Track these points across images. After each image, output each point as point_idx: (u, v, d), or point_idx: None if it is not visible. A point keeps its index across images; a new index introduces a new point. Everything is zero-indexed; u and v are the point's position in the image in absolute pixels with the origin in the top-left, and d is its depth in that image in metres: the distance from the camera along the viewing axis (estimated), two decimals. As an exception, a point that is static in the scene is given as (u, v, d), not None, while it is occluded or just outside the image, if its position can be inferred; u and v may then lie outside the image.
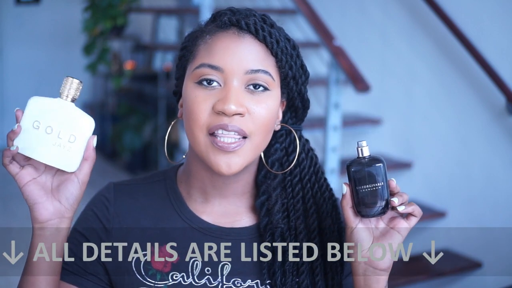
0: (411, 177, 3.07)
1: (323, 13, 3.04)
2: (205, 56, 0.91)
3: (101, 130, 6.02)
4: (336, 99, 2.76)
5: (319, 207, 0.99)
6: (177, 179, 1.02)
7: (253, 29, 0.91)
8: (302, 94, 0.99)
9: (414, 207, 0.89)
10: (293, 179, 1.00)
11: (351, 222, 0.89)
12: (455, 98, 2.85)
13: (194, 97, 0.90)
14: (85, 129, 0.86)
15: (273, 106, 0.92)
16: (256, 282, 0.96)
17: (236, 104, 0.87)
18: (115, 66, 5.68)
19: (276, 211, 0.97)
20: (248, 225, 0.99)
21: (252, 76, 0.90)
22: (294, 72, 0.96)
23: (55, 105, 0.87)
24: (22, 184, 0.86)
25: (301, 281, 0.95)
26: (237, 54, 0.90)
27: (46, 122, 0.86)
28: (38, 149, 0.85)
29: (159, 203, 1.00)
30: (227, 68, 0.89)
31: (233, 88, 0.88)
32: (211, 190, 0.98)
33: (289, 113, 1.02)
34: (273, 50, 0.92)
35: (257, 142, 0.91)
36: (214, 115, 0.88)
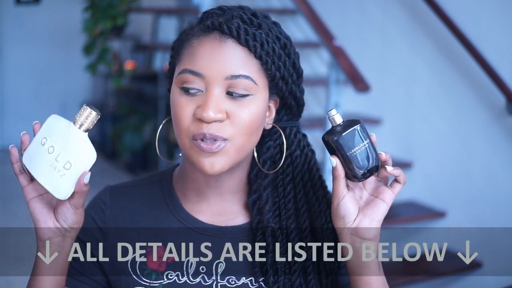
0: (411, 177, 3.07)
1: (323, 13, 3.05)
2: (188, 61, 0.92)
3: (101, 130, 6.02)
4: (336, 99, 2.76)
5: (311, 206, 0.99)
6: (173, 179, 1.03)
7: (235, 33, 0.90)
8: (294, 93, 0.99)
9: (400, 171, 0.90)
10: (285, 178, 1.00)
11: (340, 193, 0.89)
12: (455, 98, 2.85)
13: (177, 102, 0.91)
14: (84, 161, 0.85)
15: (256, 109, 0.91)
16: (250, 280, 0.96)
17: (214, 111, 0.88)
18: (115, 66, 5.68)
19: (267, 211, 0.97)
20: (242, 223, 0.99)
21: (233, 81, 0.90)
22: (283, 72, 0.95)
23: (67, 128, 0.87)
24: (28, 198, 0.88)
25: (293, 279, 0.95)
26: (218, 59, 0.90)
27: (52, 141, 0.86)
28: (36, 165, 0.86)
29: (154, 204, 1.01)
30: (208, 74, 0.89)
31: (212, 94, 0.89)
32: (205, 189, 0.98)
33: (284, 110, 1.01)
34: (256, 54, 0.91)
35: (240, 143, 0.91)
36: (195, 121, 0.89)
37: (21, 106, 6.25)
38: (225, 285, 0.96)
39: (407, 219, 2.87)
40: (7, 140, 6.18)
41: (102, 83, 6.24)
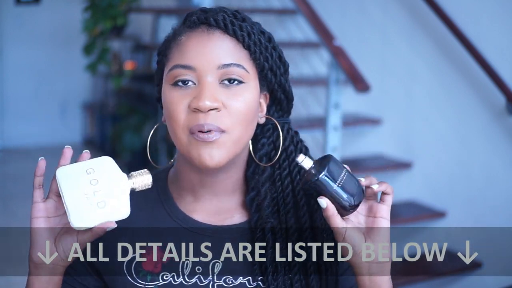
0: (411, 177, 3.07)
1: (323, 13, 3.04)
2: (177, 57, 0.92)
3: (101, 130, 6.02)
4: (336, 99, 2.76)
5: (309, 200, 0.99)
6: (168, 180, 1.02)
7: (222, 24, 0.92)
8: (283, 85, 0.99)
9: (386, 185, 0.90)
10: (282, 173, 1.00)
11: (341, 228, 0.88)
12: (455, 98, 2.85)
13: (171, 99, 0.91)
14: (117, 212, 0.84)
15: (250, 98, 0.92)
16: (247, 279, 0.95)
17: (210, 99, 0.88)
18: (115, 66, 5.68)
19: (265, 206, 0.97)
20: (239, 222, 0.99)
21: (225, 70, 0.90)
22: (271, 63, 0.96)
23: (118, 177, 0.87)
24: (34, 215, 0.86)
25: (293, 277, 0.95)
26: (208, 50, 0.90)
27: (98, 176, 0.86)
28: (71, 185, 0.84)
29: (150, 205, 1.00)
30: (199, 66, 0.90)
31: (207, 84, 0.89)
32: (200, 189, 0.98)
33: (274, 106, 1.02)
34: (244, 43, 0.92)
35: (237, 135, 0.91)
36: (191, 113, 0.89)
37: (21, 106, 6.25)
38: (222, 285, 0.95)
39: (407, 219, 2.87)
40: (7, 140, 6.18)
41: (102, 83, 6.24)
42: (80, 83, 6.43)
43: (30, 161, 5.95)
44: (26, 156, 5.67)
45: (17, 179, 4.89)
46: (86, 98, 6.57)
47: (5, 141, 6.17)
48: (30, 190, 0.88)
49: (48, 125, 6.39)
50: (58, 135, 6.35)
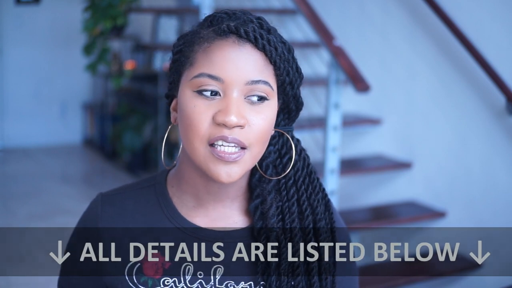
0: (411, 177, 3.07)
1: (323, 13, 3.04)
2: (204, 65, 0.89)
3: (101, 130, 6.02)
4: (336, 99, 2.76)
5: (313, 208, 0.99)
6: (167, 183, 1.01)
7: (252, 37, 0.89)
8: (297, 97, 0.99)
9: None
10: (287, 182, 0.99)
11: None
12: (455, 98, 2.85)
13: (193, 107, 0.89)
14: None
15: (271, 116, 0.91)
16: (249, 284, 0.95)
17: (237, 116, 0.86)
18: (115, 66, 5.68)
19: (271, 215, 0.96)
20: (240, 227, 0.98)
21: (253, 87, 0.89)
22: (291, 77, 0.95)
23: None
24: None
25: (296, 282, 0.94)
26: (237, 64, 0.88)
27: None
28: None
29: (149, 209, 0.99)
30: (227, 79, 0.88)
31: (233, 99, 0.87)
32: (204, 195, 0.97)
33: (282, 114, 1.01)
34: (271, 58, 0.90)
35: (256, 152, 0.90)
36: (214, 126, 0.87)
37: (21, 106, 6.25)
38: None
39: (407, 219, 2.87)
40: (7, 140, 6.18)
41: (102, 83, 6.24)
42: (80, 83, 6.43)
43: (30, 161, 5.96)
44: (26, 156, 5.67)
45: (17, 179, 4.88)
46: (86, 98, 6.57)
47: (5, 141, 6.17)
48: (30, 190, 0.88)
49: (48, 125, 6.39)
50: (58, 135, 6.36)
